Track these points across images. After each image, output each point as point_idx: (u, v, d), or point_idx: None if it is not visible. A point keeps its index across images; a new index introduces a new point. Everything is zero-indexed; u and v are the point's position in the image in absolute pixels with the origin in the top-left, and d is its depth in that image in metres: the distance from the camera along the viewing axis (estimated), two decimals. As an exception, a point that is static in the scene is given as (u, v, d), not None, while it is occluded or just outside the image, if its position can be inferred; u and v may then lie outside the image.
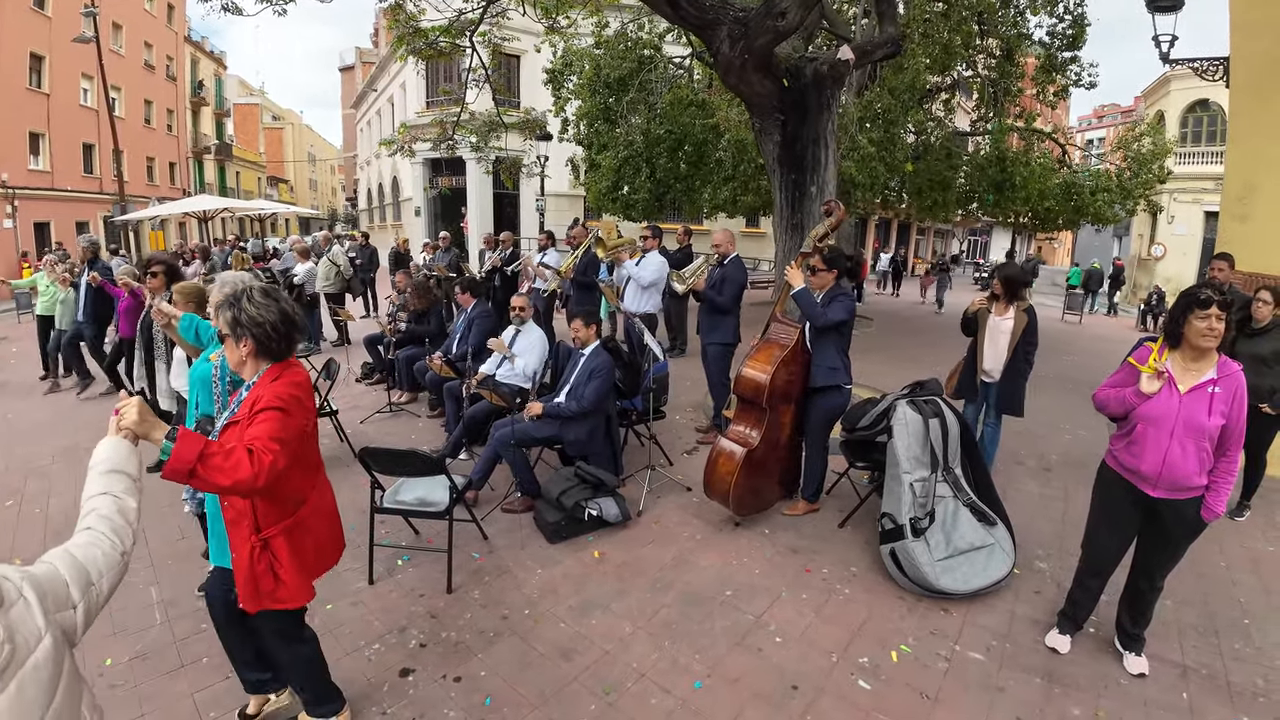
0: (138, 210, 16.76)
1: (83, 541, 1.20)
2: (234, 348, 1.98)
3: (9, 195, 18.99)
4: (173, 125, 30.09)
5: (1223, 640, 3.00)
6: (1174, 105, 21.99)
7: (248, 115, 43.80)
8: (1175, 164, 16.07)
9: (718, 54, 4.48)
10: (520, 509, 4.18)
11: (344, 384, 7.25)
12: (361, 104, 33.92)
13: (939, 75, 10.76)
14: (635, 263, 6.50)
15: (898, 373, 7.97)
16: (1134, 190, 11.00)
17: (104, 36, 17.68)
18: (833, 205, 4.21)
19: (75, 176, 22.55)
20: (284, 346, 2.01)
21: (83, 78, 22.28)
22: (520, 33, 10.07)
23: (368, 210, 34.06)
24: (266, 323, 1.95)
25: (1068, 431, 6.17)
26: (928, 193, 11.34)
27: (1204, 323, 2.41)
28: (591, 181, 12.70)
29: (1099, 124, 42.64)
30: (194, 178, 32.73)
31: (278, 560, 2.01)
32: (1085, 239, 31.73)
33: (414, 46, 7.28)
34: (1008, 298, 4.48)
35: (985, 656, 2.85)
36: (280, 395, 1.87)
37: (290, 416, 1.85)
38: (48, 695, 0.99)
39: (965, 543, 3.41)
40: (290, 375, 1.98)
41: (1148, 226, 22.91)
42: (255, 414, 1.83)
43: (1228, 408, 2.41)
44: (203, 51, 34.83)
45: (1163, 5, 5.88)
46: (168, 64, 29.42)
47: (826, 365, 3.87)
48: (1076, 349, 11.55)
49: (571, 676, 2.66)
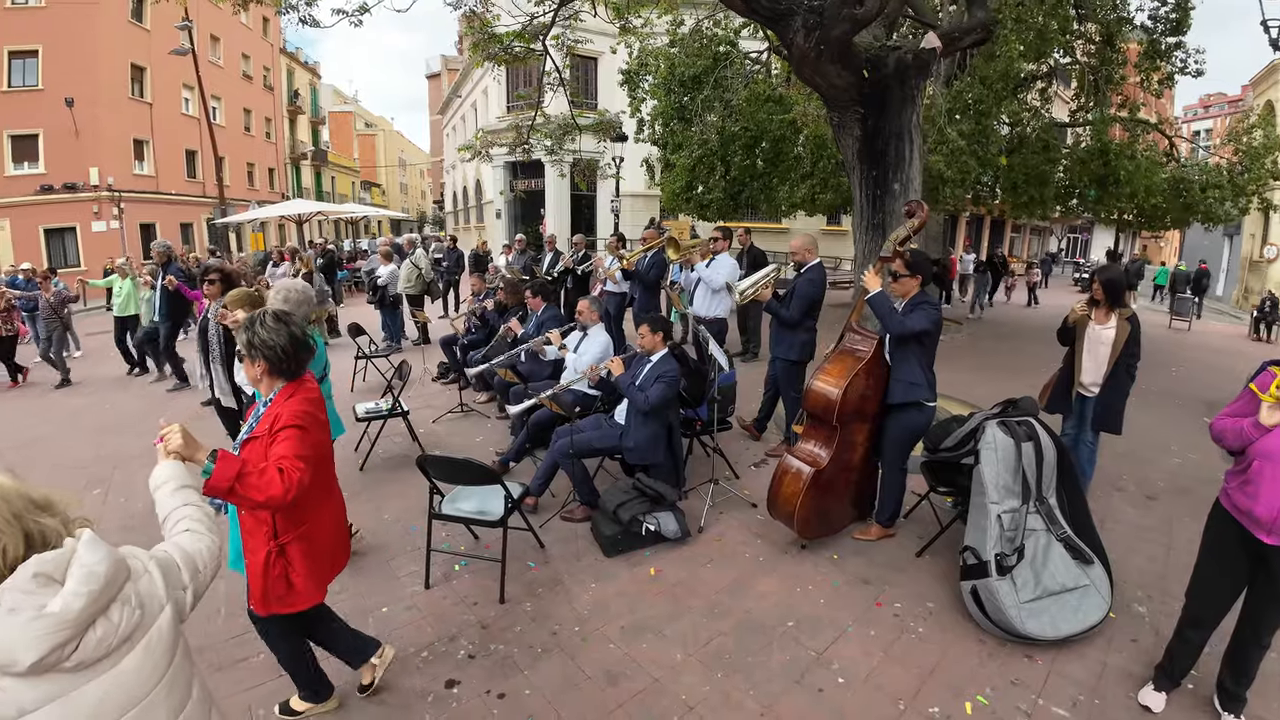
0: (238, 213, 18.06)
1: (189, 538, 1.39)
2: (250, 366, 2.15)
3: (115, 198, 20.73)
4: (270, 132, 32.13)
5: None
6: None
7: (342, 122, 46.36)
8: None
9: (791, 46, 4.25)
10: (580, 518, 4.13)
11: (420, 384, 7.50)
12: (447, 110, 35.30)
13: (1034, 63, 9.92)
14: (705, 265, 6.34)
15: (987, 383, 7.41)
16: (1246, 186, 9.76)
17: (202, 49, 19.09)
18: (915, 206, 3.87)
19: (179, 181, 24.44)
20: (294, 367, 2.16)
21: (184, 88, 24.05)
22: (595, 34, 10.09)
23: (453, 213, 35.43)
24: (277, 346, 2.11)
25: (1175, 454, 5.51)
26: (1024, 188, 10.48)
27: None
28: (666, 182, 12.58)
29: (1205, 114, 38.62)
30: (291, 182, 34.89)
31: (292, 566, 2.14)
32: (1194, 239, 28.72)
33: (489, 52, 7.41)
34: (1109, 303, 4.03)
35: (1070, 713, 2.54)
36: (297, 414, 2.03)
37: (308, 433, 2.02)
38: (168, 658, 1.17)
39: (1056, 583, 3.07)
40: (304, 393, 2.14)
41: (1260, 226, 20.63)
42: (276, 432, 1.99)
43: None
44: (297, 62, 36.99)
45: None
46: (264, 74, 31.41)
47: (907, 380, 3.57)
48: (1184, 359, 10.41)
49: (617, 703, 2.57)
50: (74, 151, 19.84)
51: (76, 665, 1.01)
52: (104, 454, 5.39)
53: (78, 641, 1.01)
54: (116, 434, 5.94)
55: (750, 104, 10.28)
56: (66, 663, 1.00)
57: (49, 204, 19.93)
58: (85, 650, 1.01)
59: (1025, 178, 10.15)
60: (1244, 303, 20.76)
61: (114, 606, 1.07)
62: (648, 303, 7.30)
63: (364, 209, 23.45)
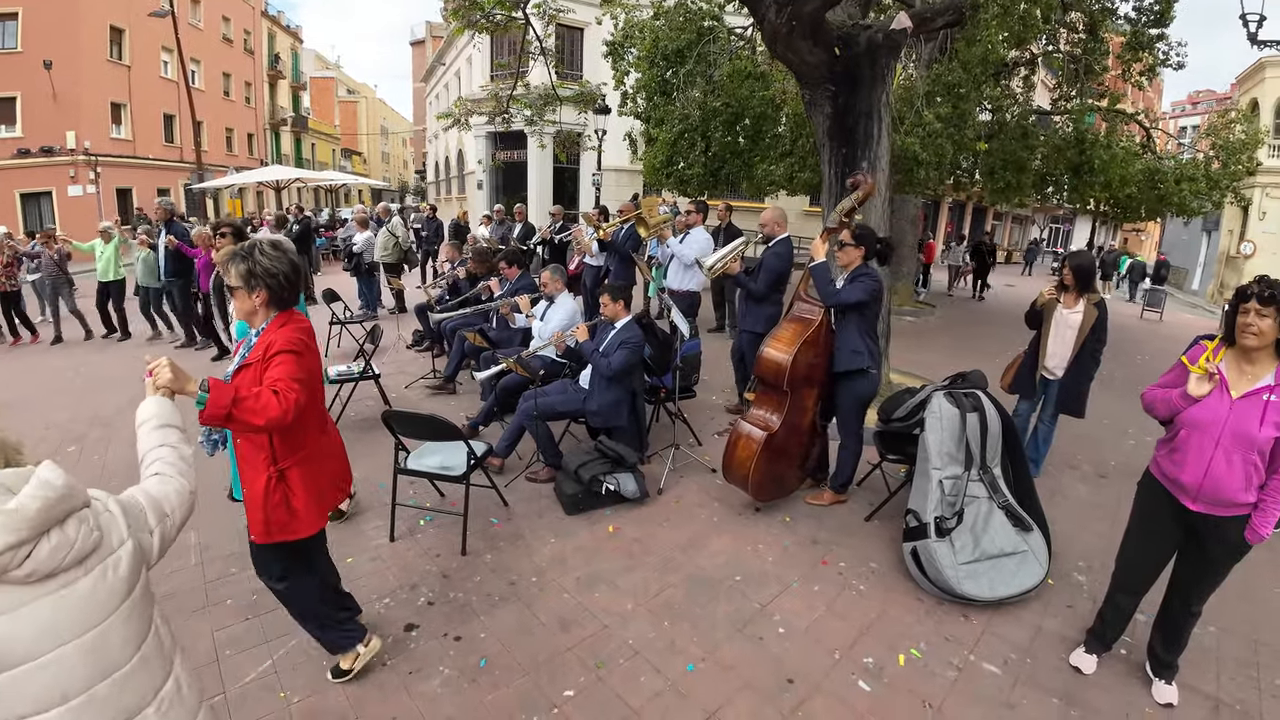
0: (216, 179, 17.69)
1: (156, 481, 1.36)
2: (246, 298, 2.10)
3: (91, 162, 20.22)
4: (250, 98, 31.32)
5: (1263, 674, 2.73)
6: (1269, 93, 20.11)
7: (323, 89, 45.27)
8: (1268, 156, 14.56)
9: (764, 22, 4.27)
10: (544, 479, 4.23)
11: (394, 351, 7.52)
12: (431, 78, 34.54)
13: (1016, 49, 9.98)
14: (679, 240, 6.40)
15: (954, 364, 7.58)
16: (1221, 181, 9.96)
17: (182, 11, 18.51)
18: (860, 178, 3.97)
19: (156, 145, 23.81)
20: (293, 295, 2.17)
21: (163, 50, 23.34)
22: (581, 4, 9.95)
23: (435, 183, 34.87)
24: (280, 273, 2.10)
25: (1132, 437, 5.74)
26: (1001, 174, 10.62)
27: (1243, 318, 2.19)
28: (648, 156, 12.51)
29: (1193, 110, 39.06)
30: (271, 148, 34.12)
31: (292, 491, 2.13)
32: (1173, 232, 29.24)
33: (470, 19, 7.30)
34: (1078, 289, 4.17)
35: (1001, 670, 2.69)
36: (291, 340, 2.03)
37: (303, 357, 2.03)
38: (125, 588, 1.15)
39: (995, 547, 3.22)
40: (296, 322, 2.13)
41: (1238, 222, 21.06)
42: (270, 357, 1.99)
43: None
44: (279, 26, 35.95)
45: None
46: (245, 38, 30.54)
47: (849, 348, 3.70)
48: (1152, 349, 10.72)
49: (566, 647, 2.68)
50: (51, 115, 19.36)
51: (28, 575, 1.01)
52: (81, 414, 5.37)
53: (31, 547, 1.01)
54: (99, 393, 5.91)
55: (732, 80, 10.24)
56: (18, 570, 1.00)
57: (25, 168, 19.44)
58: (38, 559, 1.01)
59: (1003, 163, 10.27)
60: (1218, 297, 21.17)
61: (71, 521, 1.07)
62: (622, 274, 7.35)
63: (344, 177, 23.07)
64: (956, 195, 19.84)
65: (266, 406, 1.78)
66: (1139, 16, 9.30)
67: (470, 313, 5.97)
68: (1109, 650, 2.75)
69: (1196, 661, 2.68)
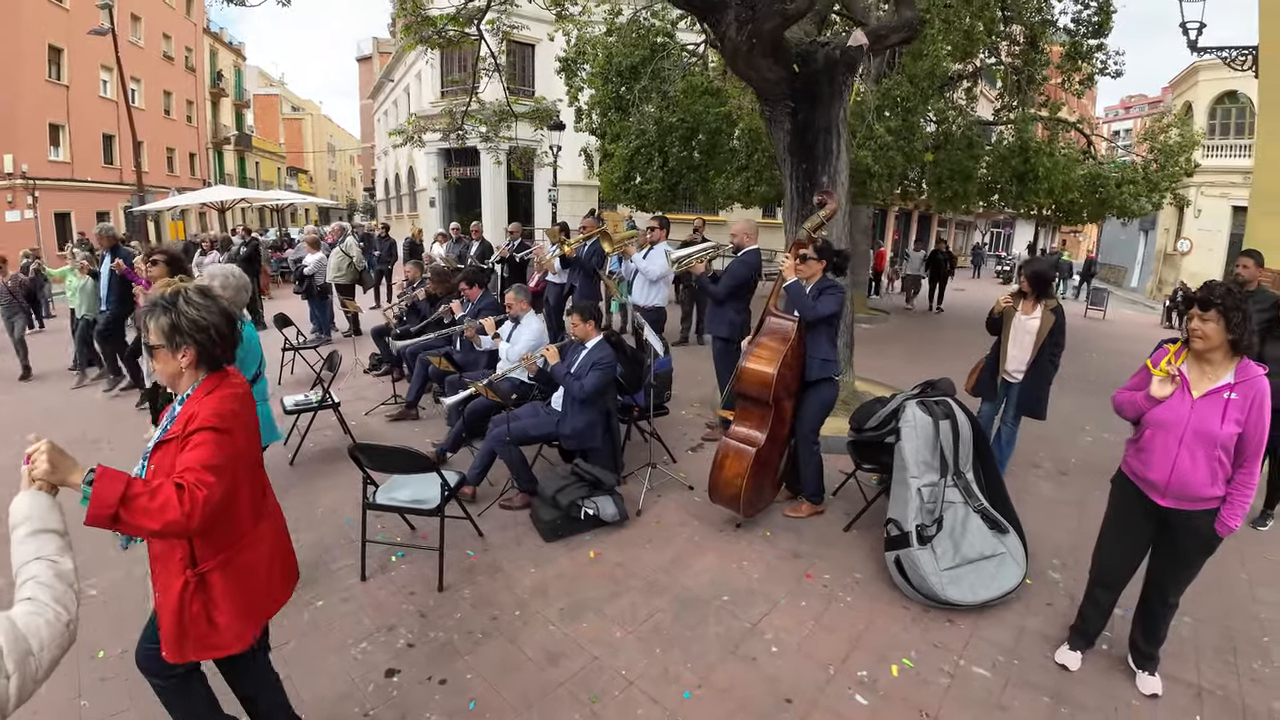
0: (157, 200, 16.96)
1: (24, 610, 1.13)
2: (169, 359, 1.71)
3: (29, 186, 19.29)
4: (192, 116, 30.42)
5: (1240, 660, 2.84)
6: (1202, 96, 21.28)
7: (267, 106, 44.25)
8: (1202, 157, 15.57)
9: (724, 39, 4.33)
10: (518, 505, 4.12)
11: (352, 375, 7.26)
12: (379, 94, 33.96)
13: (961, 62, 10.43)
14: (642, 255, 6.40)
15: (912, 369, 7.78)
16: (1160, 183, 10.61)
17: (122, 28, 17.88)
18: (825, 196, 4.10)
19: (95, 167, 22.91)
20: (227, 351, 1.79)
21: (102, 69, 22.58)
22: (532, 20, 9.92)
23: (385, 200, 34.20)
24: (210, 326, 1.72)
25: (1089, 434, 5.96)
26: (948, 183, 11.04)
27: (1190, 323, 2.32)
28: (604, 172, 12.56)
29: (1126, 115, 41.50)
30: (214, 168, 33.12)
31: (214, 602, 1.74)
32: (1111, 233, 30.94)
33: (422, 35, 7.19)
34: (1035, 295, 4.31)
35: (991, 673, 2.72)
36: (219, 412, 1.65)
37: (230, 436, 1.65)
38: None
39: (974, 551, 3.28)
40: (228, 387, 1.75)
41: (1174, 221, 22.26)
42: (189, 435, 1.61)
43: (1244, 415, 2.25)
44: (221, 43, 35.09)
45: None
46: (187, 55, 29.76)
47: (820, 358, 3.79)
48: (1099, 347, 11.23)
49: (557, 682, 2.59)
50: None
51: None
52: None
53: None
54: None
55: (687, 95, 10.38)
56: None
57: (-41, 193, 18.38)
58: None
59: (950, 173, 10.68)
60: (1157, 293, 22.25)
61: None
62: (588, 291, 7.30)
63: (291, 196, 22.47)
64: (904, 204, 20.55)
65: (165, 506, 1.42)
66: (1078, 28, 9.81)
67: (434, 337, 5.82)
68: (1092, 646, 2.81)
69: (1176, 652, 2.77)
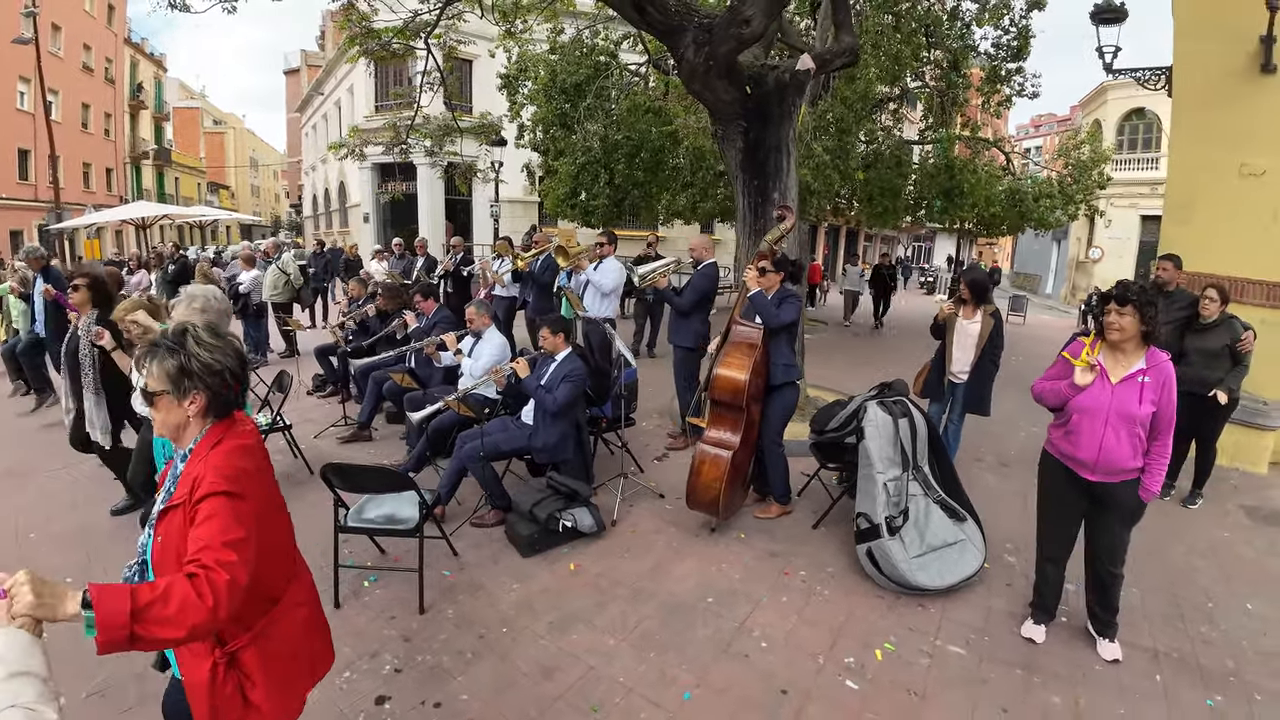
0: (74, 218, 15.76)
1: None
2: (174, 406, 1.48)
3: None
4: (110, 130, 28.91)
5: (1189, 625, 3.14)
6: (1111, 114, 23.02)
7: (188, 119, 42.35)
8: (1112, 170, 17.00)
9: (682, 60, 4.50)
10: (492, 523, 4.06)
11: (295, 397, 6.94)
12: (307, 108, 32.80)
13: (889, 86, 11.11)
14: (593, 268, 6.46)
15: (857, 374, 8.14)
16: (1075, 196, 11.58)
17: (42, 38, 16.62)
18: (785, 211, 4.33)
19: (10, 183, 21.43)
20: (239, 398, 1.59)
21: (19, 80, 21.20)
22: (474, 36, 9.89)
23: (313, 216, 32.90)
24: (225, 369, 1.51)
25: (1023, 429, 6.39)
26: (878, 200, 11.67)
27: (1107, 317, 2.59)
28: (549, 188, 12.57)
29: (1036, 133, 44.71)
30: (131, 184, 31.37)
31: (249, 679, 1.52)
32: (1025, 243, 33.23)
33: (366, 48, 7.06)
34: (975, 301, 4.62)
35: (966, 650, 2.90)
36: (225, 472, 1.41)
37: (245, 500, 1.41)
38: None
39: (938, 539, 3.48)
40: (235, 437, 1.51)
41: (1085, 230, 23.91)
42: (197, 503, 1.38)
43: (1157, 395, 2.55)
44: (142, 53, 33.46)
45: (1107, 17, 6.18)
46: (107, 66, 28.32)
47: (783, 363, 3.97)
48: (1022, 350, 12.04)
49: (556, 695, 2.58)
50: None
51: None
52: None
53: None
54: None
55: (631, 114, 10.57)
56: None
57: None
58: None
59: (880, 190, 11.30)
60: (1071, 299, 23.91)
61: None
62: (544, 305, 7.29)
63: (214, 212, 21.37)
64: (834, 220, 21.48)
65: (184, 609, 1.21)
66: (998, 52, 10.58)
67: (392, 355, 5.66)
68: (1054, 619, 3.05)
69: (1129, 620, 3.02)
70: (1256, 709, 2.59)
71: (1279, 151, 5.44)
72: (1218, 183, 5.68)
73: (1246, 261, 5.59)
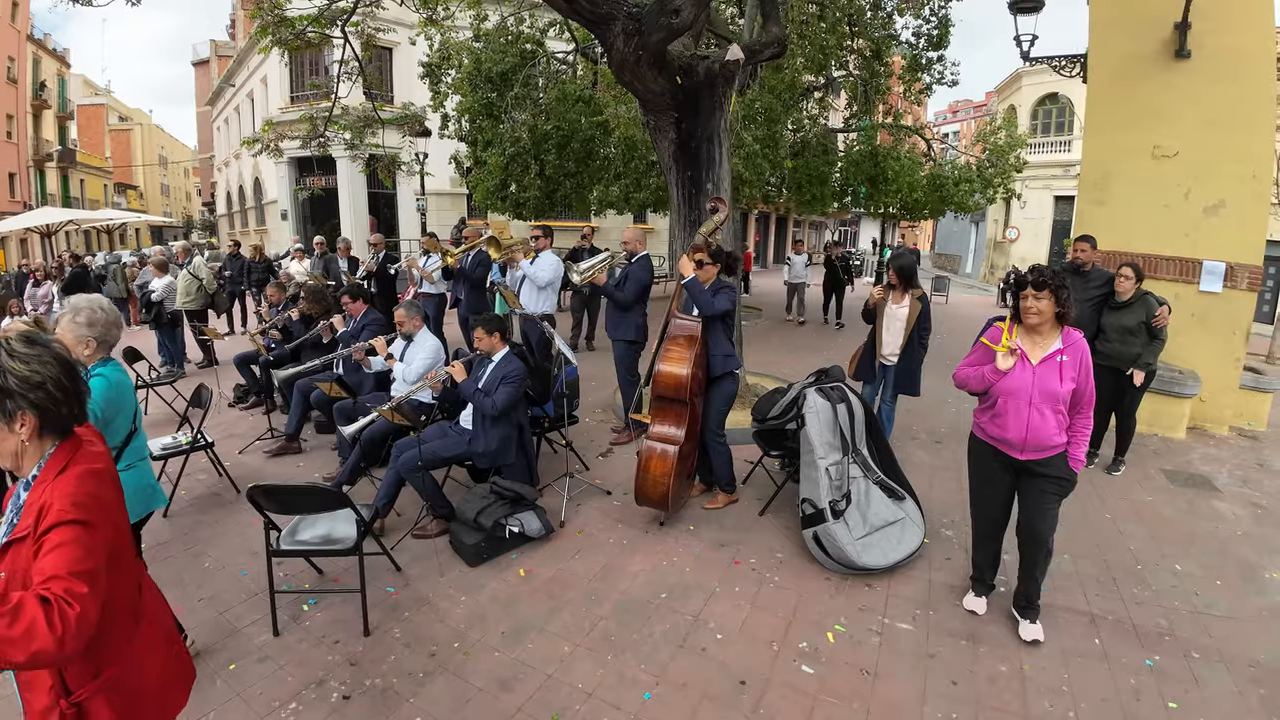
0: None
1: None
2: (3, 433, 1.35)
3: None
4: (12, 132, 26.62)
5: (1121, 587, 3.34)
6: (1025, 99, 24.10)
7: (92, 117, 39.19)
8: (1027, 153, 17.91)
9: (611, 50, 4.42)
10: (434, 533, 3.92)
11: (216, 410, 6.51)
12: (218, 101, 30.75)
13: (814, 75, 11.33)
14: (530, 263, 6.32)
15: (794, 360, 8.34)
16: (993, 180, 12.19)
17: None
18: (718, 203, 4.35)
19: None
20: (76, 410, 1.43)
21: None
22: (394, 24, 9.49)
23: (227, 215, 30.96)
24: (46, 380, 1.36)
25: (952, 405, 6.70)
26: (807, 187, 11.94)
27: (1024, 302, 2.72)
28: (478, 179, 12.23)
29: (954, 119, 46.57)
30: (35, 189, 28.88)
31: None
32: (945, 225, 34.81)
33: (279, 37, 6.61)
34: (903, 286, 4.78)
35: (913, 626, 3.01)
36: (74, 498, 1.30)
37: (97, 530, 1.30)
38: None
39: (880, 519, 3.60)
40: (85, 461, 1.40)
41: (1002, 212, 25.07)
42: (44, 533, 1.26)
43: (1076, 372, 2.69)
44: (45, 50, 30.71)
45: (1025, 6, 6.45)
46: (9, 65, 26.05)
47: (722, 353, 4.00)
48: (946, 329, 12.63)
49: (515, 708, 2.52)
50: None
51: None
52: None
53: None
54: None
55: (561, 104, 10.39)
56: None
57: None
58: None
59: (808, 178, 11.55)
60: (990, 277, 25.10)
61: None
62: (477, 303, 7.10)
63: (122, 214, 19.84)
64: (763, 208, 21.87)
65: (30, 633, 1.10)
66: (919, 41, 10.93)
67: (319, 363, 5.37)
68: (993, 589, 3.20)
69: (1062, 586, 3.21)
70: (1194, 665, 2.76)
71: (1191, 134, 5.75)
72: (1131, 164, 6.01)
73: (1160, 239, 5.92)
